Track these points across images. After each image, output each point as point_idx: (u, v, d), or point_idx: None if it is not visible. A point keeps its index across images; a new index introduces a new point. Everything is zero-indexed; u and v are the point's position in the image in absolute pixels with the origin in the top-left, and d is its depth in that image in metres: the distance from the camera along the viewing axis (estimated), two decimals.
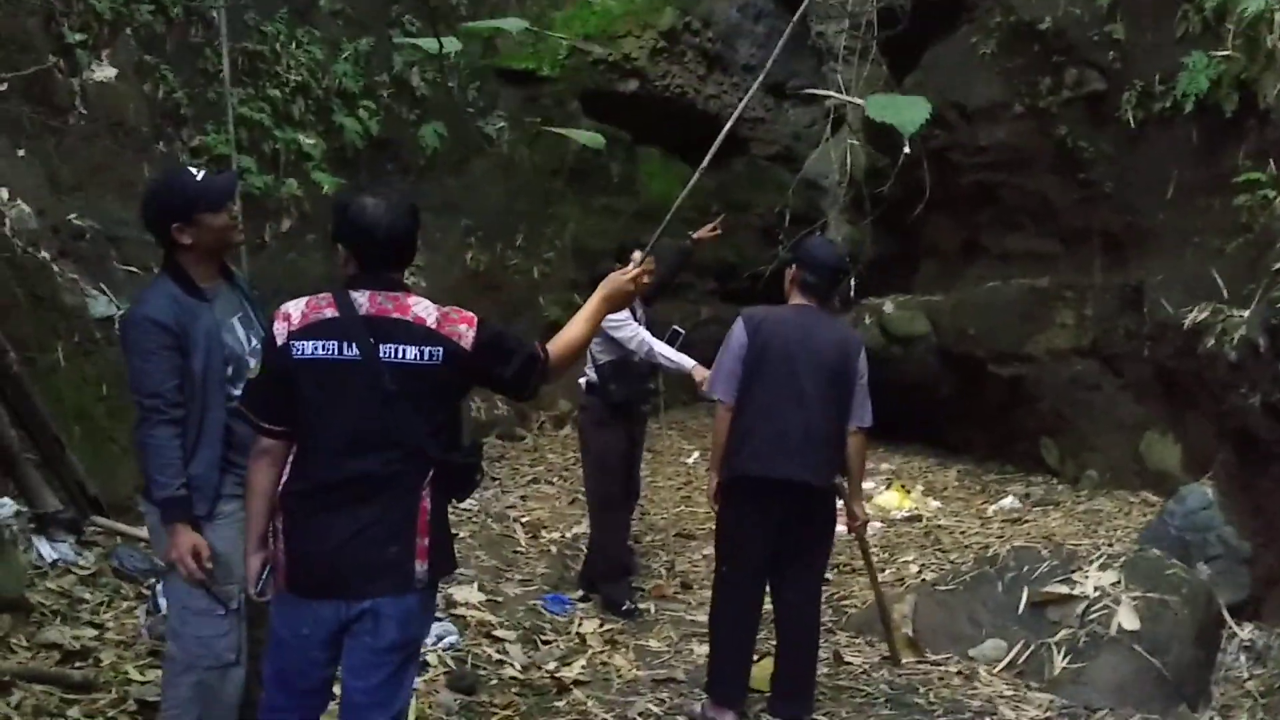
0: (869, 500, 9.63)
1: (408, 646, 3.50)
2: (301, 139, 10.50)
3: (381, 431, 3.37)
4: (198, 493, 3.83)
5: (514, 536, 8.19)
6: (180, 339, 3.79)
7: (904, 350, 11.64)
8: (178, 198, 3.88)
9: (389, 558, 3.39)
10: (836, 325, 5.30)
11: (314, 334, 3.40)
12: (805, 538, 5.18)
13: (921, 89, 11.39)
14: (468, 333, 3.43)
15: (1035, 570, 6.29)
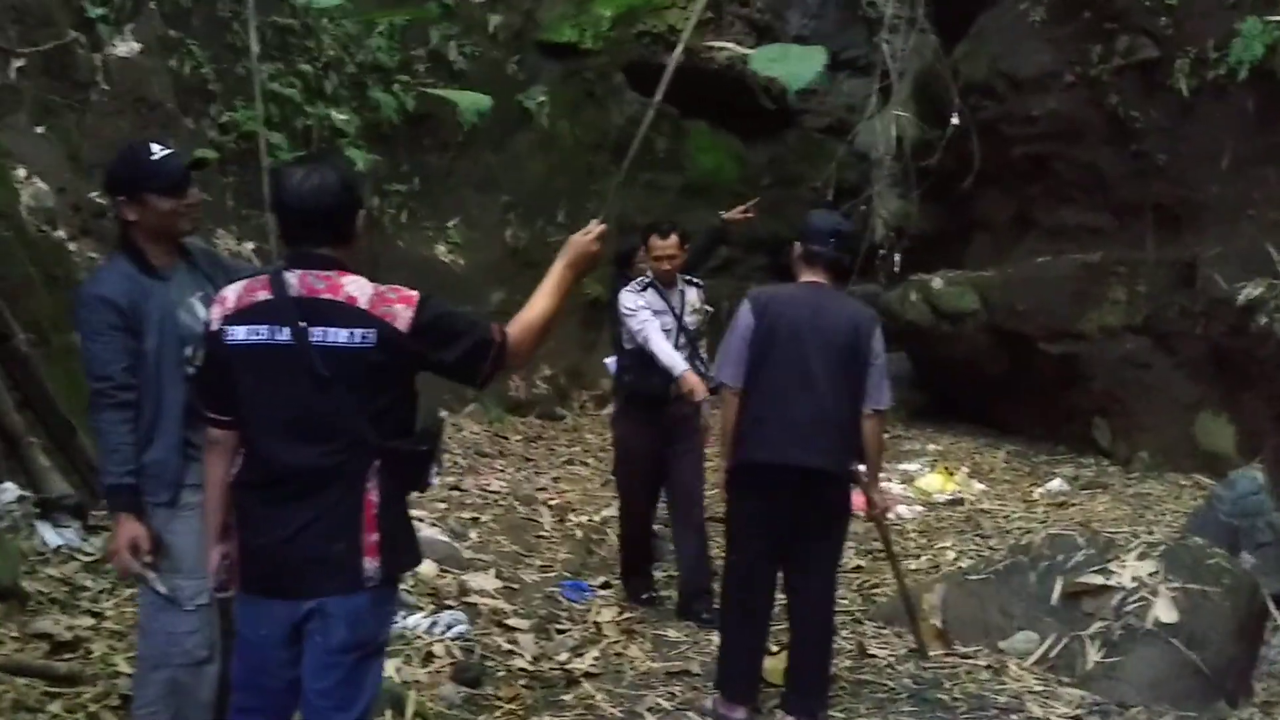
0: (911, 483, 9.41)
1: (362, 646, 3.25)
2: (334, 114, 10.35)
3: (318, 420, 3.14)
4: (157, 479, 3.65)
5: (539, 520, 8.00)
6: (131, 318, 3.60)
7: (953, 327, 11.33)
8: (127, 172, 3.69)
9: (334, 555, 3.16)
10: (848, 303, 5.00)
11: (246, 318, 3.16)
12: (817, 527, 4.91)
13: (971, 58, 11.10)
14: (404, 313, 3.13)
15: (1071, 559, 5.99)
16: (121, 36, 8.56)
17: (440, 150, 11.88)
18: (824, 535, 4.96)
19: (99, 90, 8.33)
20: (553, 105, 12.90)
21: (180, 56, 9.11)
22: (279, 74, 9.91)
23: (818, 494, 4.82)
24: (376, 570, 3.18)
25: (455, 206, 12.04)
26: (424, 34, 11.48)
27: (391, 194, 11.22)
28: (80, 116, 8.23)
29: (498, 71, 12.35)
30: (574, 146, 13.29)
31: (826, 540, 4.99)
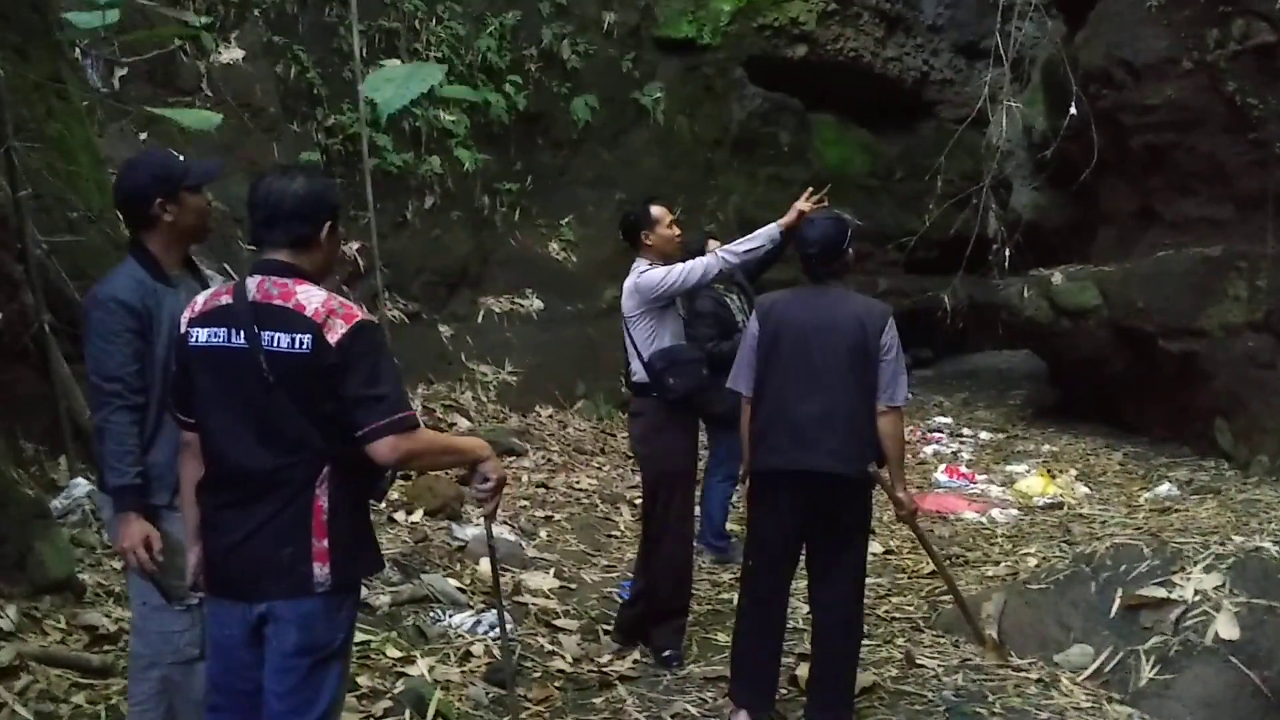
0: (1010, 485, 9.14)
1: (316, 651, 3.22)
2: (442, 115, 10.52)
3: (267, 423, 3.16)
4: (158, 481, 3.74)
5: (615, 520, 8.02)
6: (144, 322, 3.70)
7: (1073, 324, 10.94)
8: (165, 172, 3.79)
9: (282, 560, 3.17)
10: (854, 300, 4.84)
11: (208, 321, 3.21)
12: (834, 534, 4.78)
13: (1090, 45, 10.70)
14: (340, 326, 3.08)
15: (1133, 570, 5.73)
16: (226, 44, 8.85)
17: (554, 148, 11.98)
18: (842, 543, 4.81)
19: (202, 96, 8.63)
20: (669, 101, 12.88)
21: (286, 62, 9.36)
22: None
23: (830, 499, 4.68)
24: (326, 576, 3.17)
25: (568, 204, 12.13)
26: (536, 33, 11.57)
27: (502, 192, 11.35)
28: None
29: (612, 69, 12.39)
30: (691, 142, 13.27)
31: (845, 548, 4.83)
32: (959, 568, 7.24)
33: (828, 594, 4.85)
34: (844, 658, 4.89)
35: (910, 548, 7.63)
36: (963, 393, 14.40)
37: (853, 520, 4.82)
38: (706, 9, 13.21)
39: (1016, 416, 12.47)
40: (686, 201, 12.98)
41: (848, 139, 15.70)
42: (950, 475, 9.46)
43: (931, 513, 8.44)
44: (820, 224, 4.85)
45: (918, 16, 16.15)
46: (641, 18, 12.76)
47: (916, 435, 11.45)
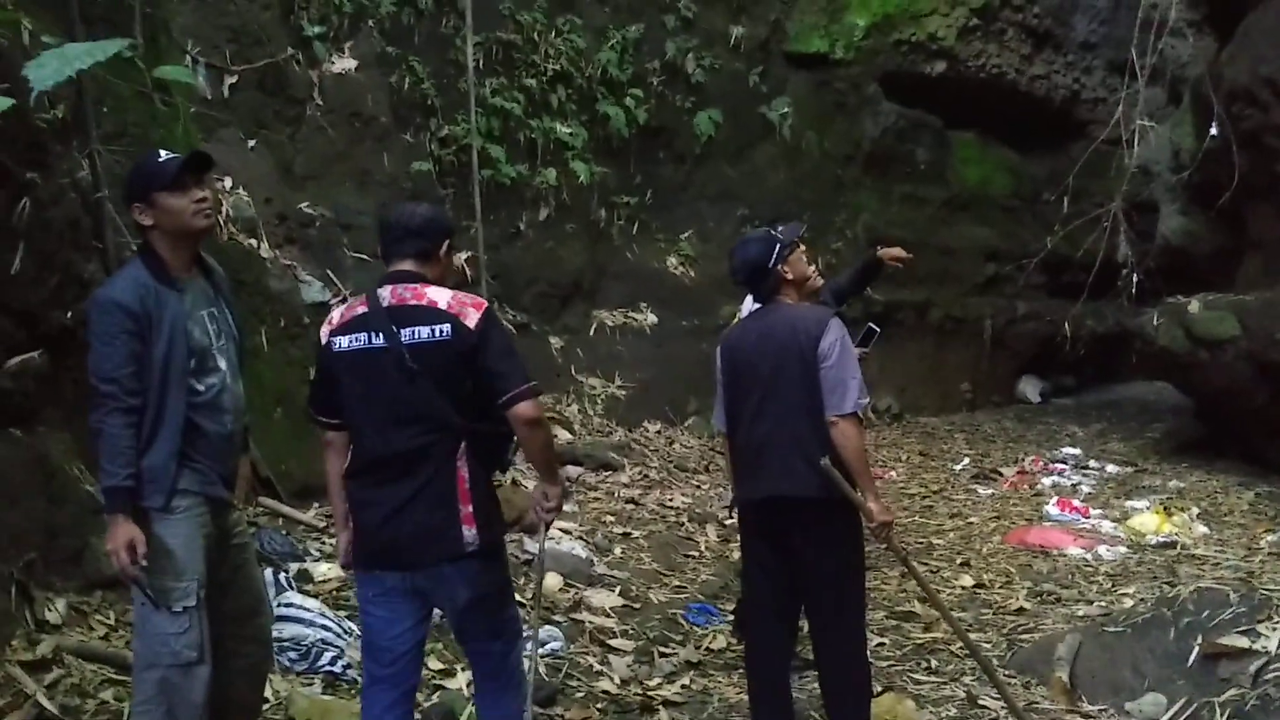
0: (1124, 520, 8.72)
1: (487, 600, 3.79)
2: (559, 128, 10.51)
3: (410, 408, 3.65)
4: (153, 484, 3.74)
5: (697, 540, 7.86)
6: (143, 325, 3.71)
7: (1210, 355, 10.40)
8: (136, 178, 3.83)
9: (435, 526, 3.64)
10: (794, 312, 4.54)
11: (348, 329, 3.74)
12: (814, 561, 4.49)
13: (1234, 63, 10.21)
14: (473, 314, 3.64)
15: (1216, 616, 5.36)
16: (339, 54, 8.98)
17: (676, 162, 11.88)
18: (823, 569, 4.50)
19: (314, 105, 8.77)
20: (798, 116, 12.67)
21: (400, 73, 9.46)
22: (502, 89, 10.14)
23: (801, 523, 4.42)
24: (475, 537, 3.65)
25: (689, 219, 12.02)
26: (660, 46, 11.50)
27: (620, 206, 11.29)
28: (293, 131, 8.69)
29: (738, 83, 12.24)
30: (821, 158, 13.03)
31: (828, 576, 4.52)
32: (1049, 605, 6.91)
33: (821, 628, 4.58)
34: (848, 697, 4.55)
35: (1002, 583, 7.33)
36: (1099, 423, 13.85)
37: (827, 543, 4.48)
38: (840, 23, 12.96)
39: (1151, 450, 11.91)
40: (814, 219, 12.76)
41: (989, 158, 15.26)
42: (1062, 508, 9.07)
43: (1033, 547, 8.10)
44: (742, 249, 4.63)
45: (1069, 33, 15.63)
46: (771, 32, 12.57)
47: (1038, 466, 11.05)
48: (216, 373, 3.86)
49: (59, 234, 5.32)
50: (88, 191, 5.79)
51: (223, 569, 3.89)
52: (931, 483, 10.40)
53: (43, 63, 2.96)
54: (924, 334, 14.35)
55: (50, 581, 5.07)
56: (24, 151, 5.09)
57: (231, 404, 3.90)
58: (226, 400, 3.88)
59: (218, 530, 3.86)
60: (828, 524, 4.40)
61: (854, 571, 4.56)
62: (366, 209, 9.00)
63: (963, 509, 9.44)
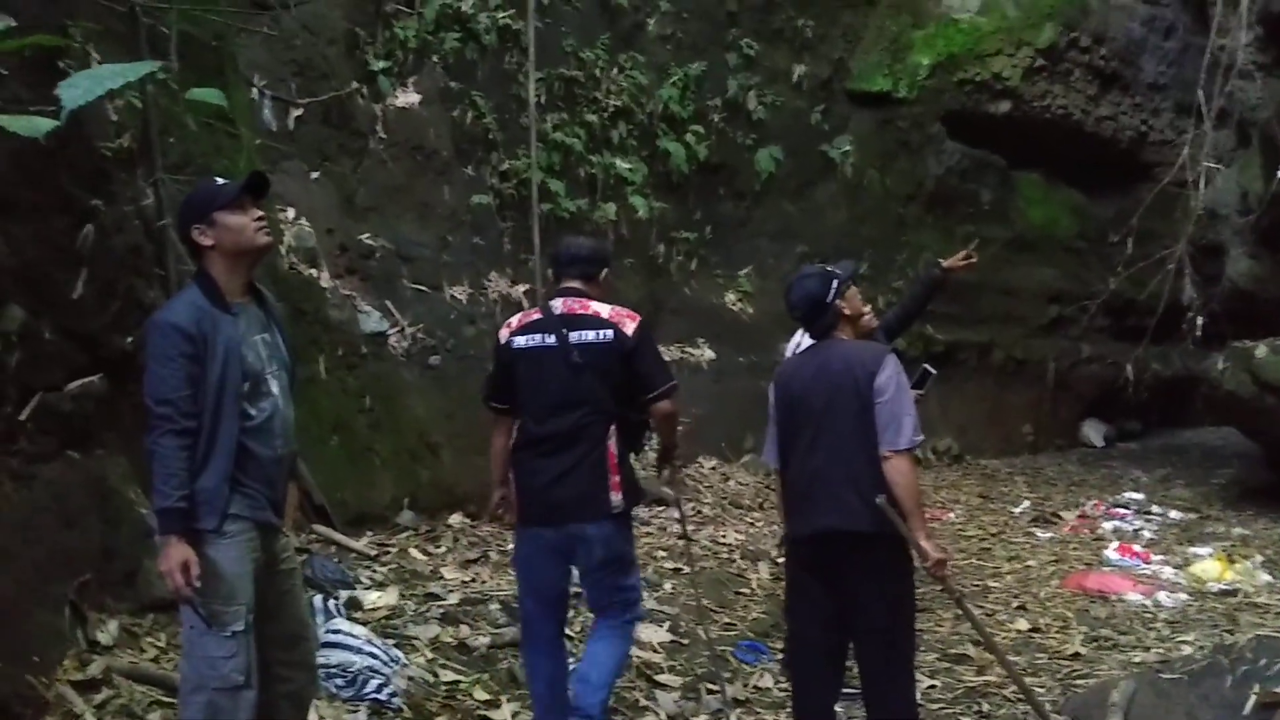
0: (1186, 567, 8.57)
1: (614, 563, 4.62)
2: (619, 163, 10.56)
3: (575, 395, 4.56)
4: (206, 505, 3.77)
5: (749, 577, 7.80)
6: (200, 348, 3.75)
7: (1277, 400, 10.24)
8: (195, 200, 3.89)
9: (588, 491, 4.52)
10: (850, 349, 4.52)
11: (526, 331, 4.69)
12: (863, 596, 4.42)
13: None
14: (630, 324, 4.60)
15: (1274, 665, 5.24)
16: (403, 88, 9.09)
17: (736, 199, 11.89)
18: (874, 607, 4.44)
19: (376, 138, 8.88)
20: (860, 155, 12.65)
21: (463, 107, 9.54)
22: (563, 124, 10.21)
23: (853, 558, 4.37)
24: (620, 501, 4.57)
25: (748, 255, 12.02)
26: (721, 84, 11.53)
27: (679, 241, 11.32)
28: (356, 163, 8.79)
29: (800, 121, 12.25)
30: (883, 197, 12.99)
31: (875, 614, 4.45)
32: (1106, 651, 6.80)
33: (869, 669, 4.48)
34: None
35: (1058, 627, 7.22)
36: (1164, 468, 13.63)
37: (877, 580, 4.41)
38: (904, 62, 12.94)
39: (1216, 497, 11.71)
40: (875, 257, 12.75)
41: (1054, 198, 15.12)
42: (1122, 553, 8.93)
43: (1092, 592, 7.98)
44: (799, 284, 4.61)
45: (1137, 74, 15.47)
46: (834, 70, 12.57)
47: (1100, 510, 10.89)
48: (269, 397, 3.89)
49: (121, 260, 5.41)
50: (151, 219, 5.87)
51: (270, 594, 3.90)
52: (990, 525, 10.28)
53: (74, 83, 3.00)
54: (986, 375, 14.23)
55: (103, 603, 5.12)
56: (89, 178, 5.19)
57: (282, 429, 3.93)
58: (278, 425, 3.90)
59: (266, 555, 3.88)
60: (879, 559, 4.35)
61: (905, 609, 4.49)
62: (426, 241, 9.09)
63: (1021, 552, 9.31)
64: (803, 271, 4.89)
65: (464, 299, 9.10)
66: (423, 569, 6.89)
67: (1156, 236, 13.62)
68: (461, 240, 9.37)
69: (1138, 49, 15.50)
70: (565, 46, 10.28)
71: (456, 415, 8.58)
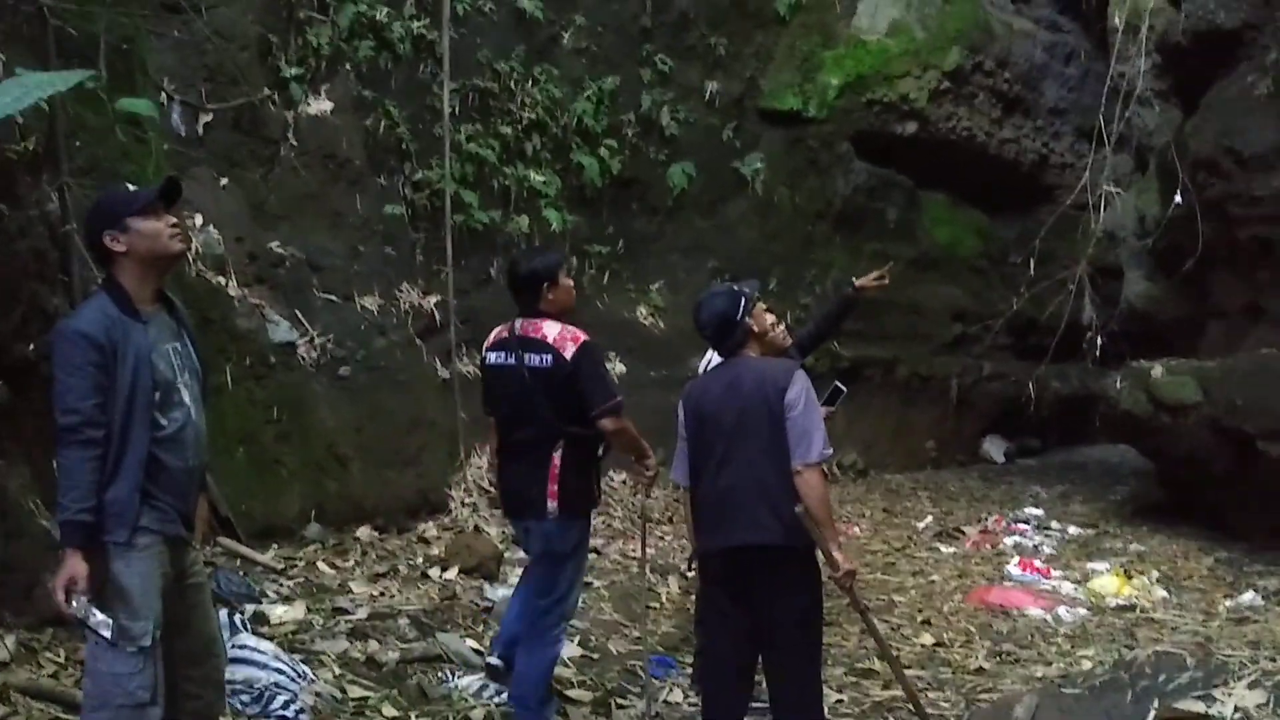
0: (1085, 582, 8.75)
1: (551, 556, 5.10)
2: (533, 176, 10.56)
3: (526, 412, 4.99)
4: (116, 518, 3.68)
5: (659, 591, 7.84)
6: (109, 357, 3.67)
7: (1172, 420, 10.47)
8: (107, 205, 3.82)
9: (532, 495, 5.00)
10: (759, 365, 4.62)
11: (496, 347, 5.15)
12: (777, 608, 4.48)
13: (1199, 133, 10.37)
14: (570, 348, 4.90)
15: (1174, 680, 5.37)
16: (315, 95, 9.00)
17: (648, 214, 11.94)
18: (787, 619, 4.50)
19: (288, 146, 8.78)
20: (771, 172, 12.76)
21: (376, 116, 9.49)
22: (477, 135, 10.19)
23: (767, 572, 4.44)
24: (555, 508, 4.96)
25: (660, 270, 12.07)
26: (635, 99, 11.58)
27: (592, 255, 11.33)
28: (267, 170, 8.69)
29: (712, 138, 12.34)
30: (792, 214, 13.11)
31: (792, 624, 4.53)
32: (1009, 666, 6.92)
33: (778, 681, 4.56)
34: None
35: (961, 642, 7.34)
36: (1063, 485, 13.90)
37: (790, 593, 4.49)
38: (814, 82, 13.07)
39: (1113, 513, 11.97)
40: (784, 274, 12.88)
41: (959, 219, 15.38)
42: (1024, 569, 9.09)
43: (994, 606, 8.11)
44: (708, 304, 4.73)
45: (1038, 99, 15.81)
46: (746, 88, 12.68)
47: (1000, 525, 11.08)
48: (180, 407, 3.83)
49: (24, 266, 5.31)
50: (56, 224, 5.76)
51: (178, 609, 3.83)
52: (894, 540, 10.41)
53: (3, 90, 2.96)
54: (890, 391, 14.41)
55: (1, 617, 5.02)
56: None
57: (194, 440, 3.87)
58: (189, 436, 3.84)
59: (175, 569, 3.82)
60: (792, 573, 4.45)
61: (816, 621, 4.61)
62: (337, 250, 9.00)
63: (925, 567, 9.44)
64: (710, 291, 4.99)
65: (375, 310, 9.02)
66: (330, 583, 6.82)
67: (1057, 257, 13.89)
68: (373, 250, 9.30)
69: (1040, 74, 15.85)
70: (480, 57, 10.27)
71: (366, 427, 8.50)
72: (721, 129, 12.45)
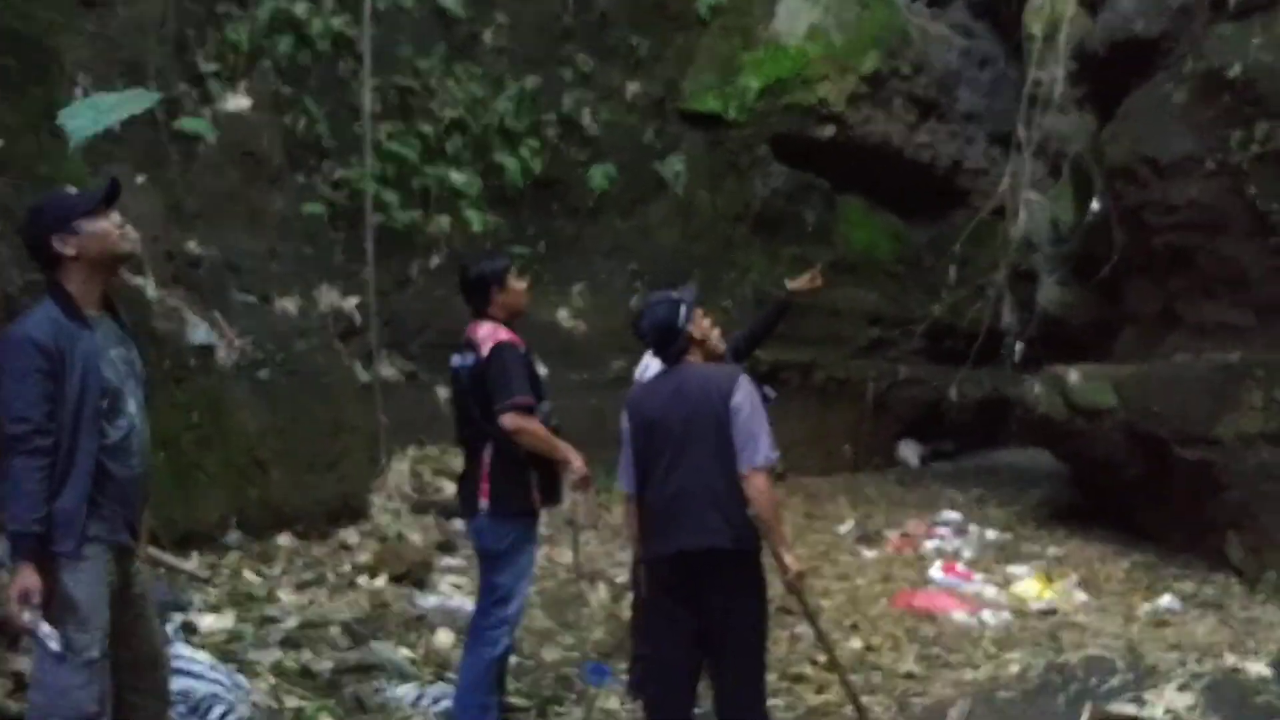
0: (1007, 586, 8.84)
1: (486, 555, 5.23)
2: (453, 176, 10.44)
3: (464, 412, 5.22)
4: (63, 528, 3.56)
5: (589, 597, 7.78)
6: (56, 363, 3.57)
7: (1088, 424, 10.62)
8: (53, 209, 3.71)
9: (467, 493, 5.21)
10: (703, 371, 4.66)
11: (457, 350, 5.32)
12: (727, 612, 4.48)
13: (1116, 141, 10.52)
14: (487, 346, 5.08)
15: (1105, 683, 5.46)
16: (234, 92, 8.79)
17: (569, 215, 11.87)
18: (736, 623, 4.51)
19: (205, 143, 8.56)
20: (691, 175, 12.74)
21: (295, 113, 9.31)
22: (398, 133, 10.05)
23: (717, 576, 4.45)
24: (486, 505, 5.10)
25: (581, 272, 11.99)
26: (557, 99, 11.50)
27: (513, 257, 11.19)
28: (184, 168, 8.46)
29: (633, 139, 12.30)
30: (712, 217, 13.10)
31: (741, 628, 4.54)
32: (938, 669, 6.95)
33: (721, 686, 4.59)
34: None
35: (890, 646, 7.37)
36: (978, 488, 14.03)
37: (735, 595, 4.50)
38: (734, 85, 13.08)
39: (1029, 516, 12.11)
40: (704, 276, 12.82)
41: (875, 222, 15.46)
42: (947, 572, 9.16)
43: (920, 610, 8.16)
44: (650, 312, 4.75)
45: (953, 104, 15.97)
46: (666, 90, 12.66)
47: (921, 529, 11.16)
48: (126, 415, 3.76)
49: None
50: None
51: (123, 619, 3.75)
52: (817, 544, 10.43)
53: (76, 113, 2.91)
54: (809, 394, 14.44)
55: None
56: None
57: (139, 447, 3.80)
58: (135, 443, 3.77)
59: (120, 579, 3.73)
60: (742, 576, 4.49)
61: (763, 624, 4.66)
62: (256, 250, 8.81)
63: (849, 571, 9.47)
64: (651, 299, 4.97)
65: (294, 311, 8.84)
66: (257, 591, 6.67)
67: (973, 262, 14.10)
68: (292, 250, 9.11)
69: (954, 79, 16.01)
70: (401, 55, 10.14)
71: (286, 431, 8.33)
72: (642, 130, 12.42)
